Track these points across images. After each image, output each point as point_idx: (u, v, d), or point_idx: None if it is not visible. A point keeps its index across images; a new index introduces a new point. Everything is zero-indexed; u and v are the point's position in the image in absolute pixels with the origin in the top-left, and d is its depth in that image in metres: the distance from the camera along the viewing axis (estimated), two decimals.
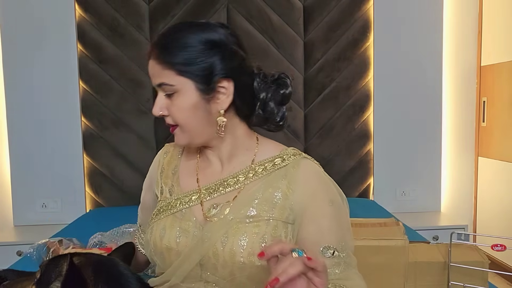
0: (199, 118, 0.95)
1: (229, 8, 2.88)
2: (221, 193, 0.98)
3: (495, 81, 2.96)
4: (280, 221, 0.93)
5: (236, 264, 0.90)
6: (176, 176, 1.06)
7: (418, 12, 2.97)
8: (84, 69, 2.87)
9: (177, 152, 1.10)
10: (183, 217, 0.98)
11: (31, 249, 1.53)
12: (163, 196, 1.05)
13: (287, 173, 0.96)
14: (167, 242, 0.96)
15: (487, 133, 3.04)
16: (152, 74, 0.95)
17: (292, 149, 1.03)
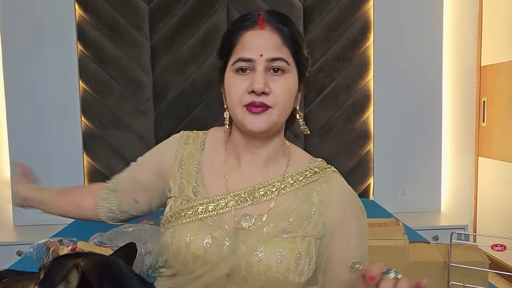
0: (290, 105, 0.93)
1: (229, 8, 2.88)
2: (253, 202, 0.92)
3: (495, 81, 2.96)
4: (313, 237, 0.92)
5: (270, 279, 0.87)
6: (200, 175, 0.96)
7: (418, 12, 2.97)
8: (84, 69, 2.87)
9: (199, 145, 1.00)
10: (213, 224, 0.90)
11: (31, 249, 1.54)
12: (184, 194, 0.95)
13: (320, 188, 0.95)
14: (194, 249, 0.88)
15: (487, 133, 3.04)
16: (268, 47, 0.87)
17: (321, 161, 1.01)
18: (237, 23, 0.91)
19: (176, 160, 0.98)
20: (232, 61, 0.89)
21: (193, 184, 0.96)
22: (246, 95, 0.88)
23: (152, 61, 2.90)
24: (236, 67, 0.89)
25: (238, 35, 0.89)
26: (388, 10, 2.94)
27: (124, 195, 1.04)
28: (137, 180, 1.04)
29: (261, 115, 0.88)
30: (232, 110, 0.91)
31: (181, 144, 1.00)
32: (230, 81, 0.90)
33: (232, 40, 0.90)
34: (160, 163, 1.01)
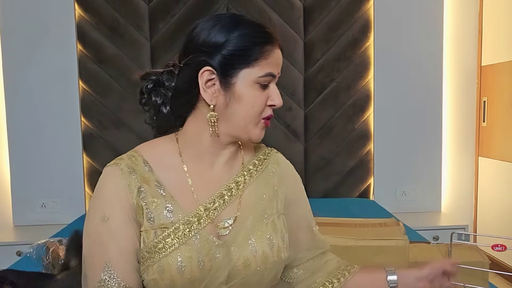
0: None
1: (229, 7, 2.88)
2: (226, 204, 0.92)
3: (495, 81, 2.96)
4: (282, 214, 0.98)
5: (268, 266, 0.91)
6: (167, 194, 0.90)
7: (418, 12, 2.97)
8: (84, 69, 2.87)
9: (143, 167, 0.91)
10: (199, 242, 0.87)
11: (30, 249, 1.53)
12: (156, 224, 0.87)
13: (274, 169, 1.02)
14: (189, 275, 0.85)
15: (487, 133, 3.04)
16: (279, 64, 0.94)
17: (262, 145, 1.06)
18: (261, 35, 0.90)
19: (133, 193, 0.88)
20: (259, 73, 0.88)
21: (163, 207, 0.88)
22: (266, 109, 0.91)
23: (152, 61, 2.89)
24: (262, 80, 0.89)
25: (268, 50, 0.90)
26: (388, 10, 2.94)
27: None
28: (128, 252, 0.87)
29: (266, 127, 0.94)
30: (247, 121, 0.90)
31: (128, 175, 0.89)
32: (252, 92, 0.88)
33: (260, 52, 0.89)
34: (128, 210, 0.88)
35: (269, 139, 2.89)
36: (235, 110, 0.89)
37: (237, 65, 0.88)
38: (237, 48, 0.88)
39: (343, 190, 3.02)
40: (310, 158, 2.98)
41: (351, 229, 1.38)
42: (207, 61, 0.88)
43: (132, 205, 0.88)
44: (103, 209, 0.87)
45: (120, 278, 0.84)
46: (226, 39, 0.88)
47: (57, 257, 1.49)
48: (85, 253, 0.89)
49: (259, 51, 0.88)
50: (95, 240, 0.87)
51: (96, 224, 0.87)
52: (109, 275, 0.85)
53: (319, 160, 2.99)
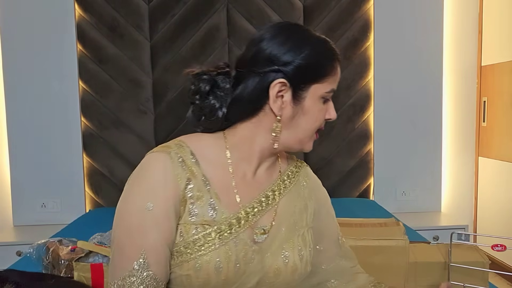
0: None
1: (229, 8, 2.88)
2: (264, 210, 0.93)
3: (495, 81, 2.96)
4: (310, 228, 1.00)
5: (295, 277, 0.92)
6: (212, 191, 0.87)
7: (418, 12, 2.97)
8: (84, 69, 2.87)
9: (189, 158, 0.88)
10: (238, 245, 0.86)
11: (30, 249, 1.53)
12: (199, 220, 0.85)
13: (305, 182, 1.03)
14: (225, 276, 0.84)
15: (487, 133, 3.04)
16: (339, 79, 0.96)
17: (293, 156, 1.08)
18: (334, 54, 0.94)
19: (181, 185, 0.86)
20: (326, 88, 0.91)
21: (208, 203, 0.86)
22: (322, 122, 0.95)
23: (152, 61, 2.89)
24: (326, 96, 0.92)
25: (334, 67, 0.92)
26: (388, 10, 2.94)
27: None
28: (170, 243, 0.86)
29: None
30: (306, 134, 0.93)
31: (177, 165, 0.86)
32: (318, 107, 0.92)
33: (331, 69, 0.92)
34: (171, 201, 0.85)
35: None
36: (299, 122, 0.91)
37: (309, 80, 0.90)
38: (310, 63, 0.89)
39: (343, 190, 3.02)
40: (310, 158, 2.98)
41: (351, 229, 1.38)
42: (281, 73, 0.88)
43: (177, 196, 0.85)
44: (148, 197, 0.83)
45: (152, 271, 0.81)
46: (299, 54, 0.89)
47: (57, 257, 1.49)
48: (117, 239, 0.85)
49: (329, 68, 0.91)
50: (134, 227, 0.83)
51: (138, 211, 0.83)
52: (142, 265, 0.81)
53: (319, 160, 2.99)
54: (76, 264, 1.27)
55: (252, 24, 2.88)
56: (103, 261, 1.26)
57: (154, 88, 2.90)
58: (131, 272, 0.81)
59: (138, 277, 0.81)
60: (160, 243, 0.83)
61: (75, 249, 1.49)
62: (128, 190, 0.87)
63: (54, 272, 1.46)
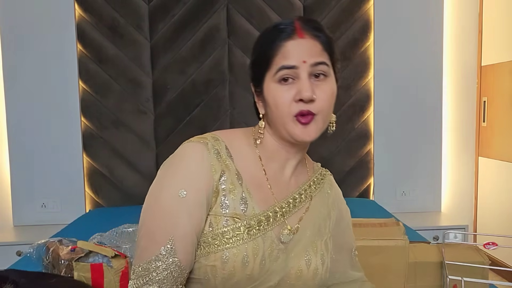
0: (332, 109, 0.92)
1: (229, 8, 2.88)
2: (293, 211, 0.93)
3: (495, 81, 2.96)
4: (331, 236, 1.01)
5: (316, 281, 0.93)
6: (245, 186, 0.88)
7: (418, 12, 2.97)
8: (84, 69, 2.87)
9: (225, 152, 0.89)
10: (265, 241, 0.87)
11: (30, 249, 1.53)
12: (230, 212, 0.86)
13: (329, 191, 1.04)
14: (250, 271, 0.85)
15: (487, 133, 3.04)
16: (310, 53, 0.86)
17: (318, 163, 1.09)
18: (272, 35, 0.89)
19: (215, 176, 0.86)
20: (274, 71, 0.87)
21: (240, 197, 0.87)
22: (293, 104, 0.86)
23: (152, 61, 2.89)
24: (278, 76, 0.87)
25: (277, 46, 0.87)
26: (388, 10, 2.94)
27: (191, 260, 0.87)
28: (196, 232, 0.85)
29: (309, 125, 0.87)
30: (280, 121, 0.88)
31: (213, 156, 0.87)
32: (274, 92, 0.87)
33: (271, 51, 0.88)
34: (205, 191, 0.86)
35: None
36: (271, 113, 0.90)
37: (260, 72, 0.90)
38: (256, 57, 0.91)
39: (343, 190, 2.95)
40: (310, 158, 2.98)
41: None
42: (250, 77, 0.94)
43: (211, 187, 0.86)
44: (183, 184, 0.84)
45: (177, 258, 0.82)
46: (251, 54, 0.93)
47: (57, 257, 1.49)
48: (147, 223, 0.85)
49: (269, 51, 0.88)
50: (165, 212, 0.83)
51: (171, 197, 0.84)
52: (169, 251, 0.82)
53: (319, 160, 2.97)
54: (76, 264, 1.27)
55: (252, 24, 2.88)
56: (103, 261, 1.26)
57: (154, 88, 2.90)
58: (158, 257, 0.81)
59: (164, 262, 0.81)
60: (189, 231, 0.83)
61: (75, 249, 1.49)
62: (162, 175, 0.87)
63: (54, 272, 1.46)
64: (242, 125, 2.94)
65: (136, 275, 0.83)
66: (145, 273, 0.82)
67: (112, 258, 1.25)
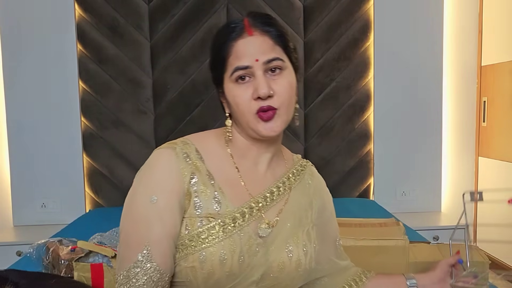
0: (294, 100, 0.93)
1: (229, 8, 2.88)
2: (270, 205, 0.94)
3: (495, 81, 2.96)
4: (315, 225, 1.01)
5: (300, 272, 0.93)
6: (217, 186, 0.90)
7: (419, 12, 2.97)
8: (84, 69, 2.87)
9: (194, 155, 0.91)
10: (243, 237, 0.87)
11: (30, 249, 1.53)
12: (204, 213, 0.87)
13: (310, 181, 1.04)
14: (229, 269, 0.85)
15: (487, 133, 3.04)
16: (262, 50, 0.88)
17: (298, 155, 1.09)
18: (223, 35, 0.91)
19: (186, 179, 0.88)
20: (230, 72, 0.89)
21: (212, 197, 0.89)
22: (252, 102, 0.88)
23: (152, 61, 2.89)
24: (234, 77, 0.89)
25: (229, 46, 0.90)
26: (388, 10, 2.94)
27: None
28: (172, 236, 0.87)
29: (273, 120, 0.89)
30: (244, 120, 0.91)
31: (182, 160, 0.89)
32: (233, 92, 0.90)
33: (224, 52, 0.90)
34: (176, 195, 0.88)
35: None
36: (233, 113, 0.93)
37: (218, 73, 0.93)
38: (211, 60, 0.95)
39: (343, 190, 3.02)
40: (310, 158, 2.95)
41: (351, 229, 1.38)
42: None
43: (182, 190, 0.88)
44: (153, 190, 0.86)
45: (156, 262, 0.83)
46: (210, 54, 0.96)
47: (57, 257, 1.49)
48: (124, 231, 0.88)
49: (222, 52, 0.91)
50: (139, 219, 0.86)
51: (143, 204, 0.86)
52: (146, 257, 0.83)
53: (319, 160, 2.99)
54: (76, 264, 1.27)
55: None
56: (103, 261, 1.26)
57: (154, 88, 2.90)
58: (136, 264, 0.83)
59: (142, 268, 0.83)
60: (164, 235, 0.85)
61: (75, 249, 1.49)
62: (135, 184, 0.90)
63: (54, 272, 1.46)
64: None
65: (118, 284, 0.85)
66: (126, 281, 0.84)
67: (112, 258, 1.25)
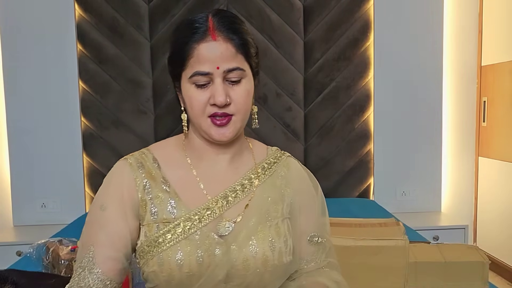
0: (250, 106, 0.94)
1: (229, 8, 2.88)
2: (232, 203, 0.93)
3: (495, 81, 2.96)
4: (287, 218, 0.97)
5: (268, 268, 0.90)
6: (172, 191, 0.92)
7: (418, 12, 2.97)
8: (84, 69, 2.87)
9: (152, 163, 0.95)
10: (200, 238, 0.88)
11: (30, 249, 1.53)
12: (160, 218, 0.90)
13: (283, 173, 1.01)
14: (187, 269, 0.86)
15: (487, 133, 3.04)
16: (224, 58, 0.87)
17: (276, 149, 1.06)
18: (186, 34, 0.89)
19: (139, 187, 0.92)
20: (189, 74, 0.88)
21: (167, 202, 0.91)
22: (208, 107, 0.89)
23: (152, 61, 2.89)
24: (193, 80, 0.88)
25: (191, 48, 0.88)
26: (388, 10, 2.94)
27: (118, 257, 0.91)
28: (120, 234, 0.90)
29: (226, 126, 0.90)
30: (196, 121, 0.91)
31: (136, 170, 0.93)
32: (190, 93, 0.90)
33: (186, 52, 0.88)
34: (128, 204, 0.91)
35: (269, 139, 2.89)
36: (187, 112, 0.93)
37: (176, 70, 0.92)
38: (171, 55, 0.92)
39: (343, 190, 3.02)
40: (310, 158, 2.98)
41: (351, 229, 1.38)
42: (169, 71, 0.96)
43: (134, 199, 0.91)
44: (104, 198, 0.92)
45: (100, 268, 0.87)
46: (169, 47, 0.93)
47: (57, 257, 1.49)
48: (81, 236, 0.94)
49: (184, 52, 0.89)
50: (90, 225, 0.92)
51: (94, 210, 0.92)
52: (89, 259, 0.88)
53: (319, 160, 2.99)
54: None
55: (252, 25, 2.88)
56: None
57: (154, 88, 2.90)
58: (81, 264, 0.89)
59: (86, 271, 0.87)
60: (107, 241, 0.89)
61: (75, 249, 1.49)
62: (97, 192, 0.96)
63: (54, 272, 1.46)
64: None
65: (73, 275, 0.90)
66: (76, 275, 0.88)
67: None
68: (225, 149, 0.96)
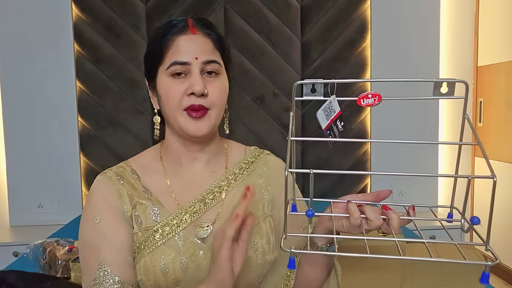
0: (224, 105, 0.96)
1: (226, 8, 2.88)
2: (208, 206, 0.94)
3: (491, 81, 2.97)
4: (268, 216, 0.98)
5: (252, 268, 0.91)
6: (154, 198, 0.94)
7: (415, 13, 2.98)
8: (81, 69, 2.86)
9: (131, 175, 0.97)
10: (181, 244, 0.89)
11: (27, 250, 1.53)
12: (143, 227, 0.91)
13: (262, 171, 1.01)
14: (173, 276, 0.87)
15: (483, 133, 3.05)
16: (202, 50, 0.90)
17: (255, 148, 1.07)
18: (165, 29, 0.92)
19: (123, 199, 0.92)
20: (166, 65, 0.90)
21: (151, 210, 0.92)
22: (185, 98, 0.89)
23: None
24: (171, 71, 0.89)
25: (170, 40, 0.90)
26: (385, 10, 2.95)
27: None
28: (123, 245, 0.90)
29: (201, 119, 0.90)
30: (172, 115, 0.91)
31: (116, 182, 0.94)
32: (167, 85, 0.90)
33: (163, 46, 0.90)
34: (118, 212, 0.92)
35: (267, 139, 2.89)
36: (162, 109, 0.94)
37: (153, 66, 0.93)
38: (148, 51, 0.94)
39: (340, 190, 3.02)
40: (307, 158, 2.99)
41: None
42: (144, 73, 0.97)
43: (121, 209, 0.92)
44: (94, 212, 0.91)
45: (115, 274, 0.85)
46: (146, 47, 0.95)
47: (53, 257, 1.48)
48: (80, 258, 0.91)
49: (162, 45, 0.91)
50: (88, 242, 0.90)
51: (88, 227, 0.90)
52: (104, 272, 0.86)
53: (316, 160, 2.99)
54: (73, 264, 1.27)
55: (249, 25, 2.88)
56: None
57: None
58: (95, 281, 0.86)
59: (106, 284, 0.85)
60: (114, 249, 0.88)
61: (72, 250, 1.49)
62: (82, 214, 0.95)
63: (51, 272, 1.46)
64: (239, 125, 2.95)
65: None
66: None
67: None
68: (201, 151, 0.97)
